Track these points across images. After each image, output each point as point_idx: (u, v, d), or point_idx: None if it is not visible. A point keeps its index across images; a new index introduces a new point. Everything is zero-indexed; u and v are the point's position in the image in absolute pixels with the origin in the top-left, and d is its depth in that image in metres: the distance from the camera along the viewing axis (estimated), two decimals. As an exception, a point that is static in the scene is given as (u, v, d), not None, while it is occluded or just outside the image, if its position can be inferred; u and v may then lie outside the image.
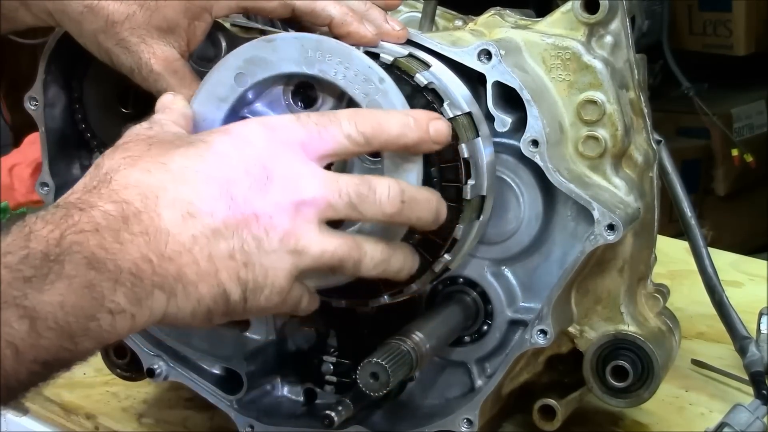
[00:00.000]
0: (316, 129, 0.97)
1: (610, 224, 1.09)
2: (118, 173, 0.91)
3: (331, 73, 1.04)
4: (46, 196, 1.31)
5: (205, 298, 0.92)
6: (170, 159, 0.93)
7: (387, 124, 0.99)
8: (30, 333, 0.81)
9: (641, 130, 1.20)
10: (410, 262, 1.06)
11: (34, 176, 2.29)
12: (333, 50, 1.04)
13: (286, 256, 0.94)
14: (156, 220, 0.89)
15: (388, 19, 1.12)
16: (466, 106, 1.10)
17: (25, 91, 1.30)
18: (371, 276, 1.02)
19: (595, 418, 1.29)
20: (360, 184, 0.97)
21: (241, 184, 0.93)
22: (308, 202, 0.95)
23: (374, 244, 1.01)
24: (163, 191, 0.91)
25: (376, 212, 0.98)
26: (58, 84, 1.31)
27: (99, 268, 0.85)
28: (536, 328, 1.12)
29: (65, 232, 0.84)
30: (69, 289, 0.83)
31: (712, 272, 1.38)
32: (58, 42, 1.28)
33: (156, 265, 0.88)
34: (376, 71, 1.03)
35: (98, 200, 0.88)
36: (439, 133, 1.01)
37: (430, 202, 1.02)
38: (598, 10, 1.15)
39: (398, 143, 1.00)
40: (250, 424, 1.23)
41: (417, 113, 1.02)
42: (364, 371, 1.02)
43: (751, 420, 1.20)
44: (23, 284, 0.81)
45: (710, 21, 4.32)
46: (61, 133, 1.32)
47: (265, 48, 1.05)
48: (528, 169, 1.14)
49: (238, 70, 1.06)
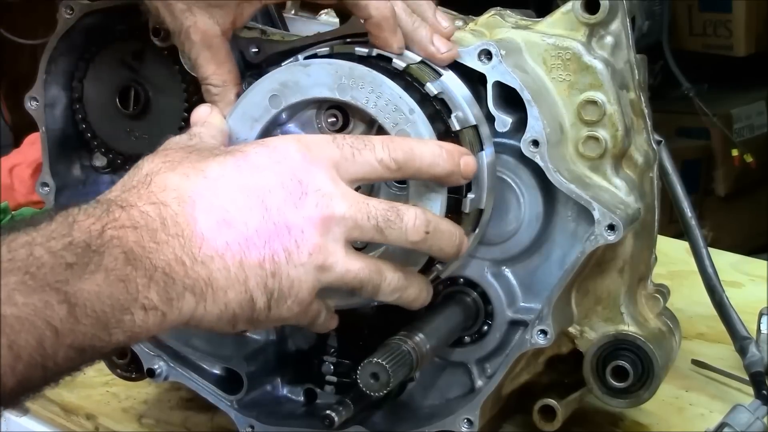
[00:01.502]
0: (350, 151, 1.00)
1: (611, 224, 1.09)
2: (158, 175, 0.94)
3: (363, 100, 1.06)
4: (47, 197, 1.32)
5: (232, 303, 0.94)
6: (208, 166, 0.96)
7: (420, 154, 1.02)
8: (68, 317, 0.83)
9: (641, 131, 1.20)
10: (425, 294, 1.09)
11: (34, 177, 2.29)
12: (365, 78, 1.06)
13: (312, 270, 0.97)
14: (192, 224, 0.92)
15: (436, 40, 1.12)
16: (473, 119, 1.10)
17: (25, 91, 1.30)
18: (386, 301, 1.05)
19: (595, 418, 1.29)
20: (389, 209, 1.00)
21: (276, 195, 0.96)
22: (338, 219, 0.97)
23: (394, 272, 1.04)
24: (199, 197, 0.94)
25: (400, 239, 1.01)
26: (58, 84, 1.31)
27: (135, 265, 0.88)
28: (536, 329, 1.12)
29: (106, 226, 0.88)
30: (107, 280, 0.86)
31: (712, 273, 1.38)
32: (58, 42, 1.28)
33: (189, 268, 0.91)
34: (406, 102, 1.05)
35: (138, 200, 0.92)
36: (468, 167, 1.05)
37: (453, 236, 1.05)
38: (599, 11, 1.15)
39: (429, 173, 1.03)
40: (251, 425, 1.23)
41: (448, 146, 1.04)
42: (365, 371, 1.02)
43: (752, 420, 1.20)
44: (65, 270, 0.84)
45: (710, 21, 4.32)
46: (61, 133, 1.32)
47: (300, 72, 1.07)
48: (528, 170, 1.14)
49: (272, 92, 1.08)
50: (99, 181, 1.36)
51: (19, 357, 0.80)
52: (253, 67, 1.19)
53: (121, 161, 1.32)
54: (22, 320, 0.81)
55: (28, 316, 0.81)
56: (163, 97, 1.27)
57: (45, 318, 0.82)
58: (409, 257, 1.07)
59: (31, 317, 0.81)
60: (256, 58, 1.19)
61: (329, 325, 1.08)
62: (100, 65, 1.30)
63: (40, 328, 0.82)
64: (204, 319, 0.94)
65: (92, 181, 1.35)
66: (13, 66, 3.77)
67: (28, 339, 0.81)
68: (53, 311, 0.82)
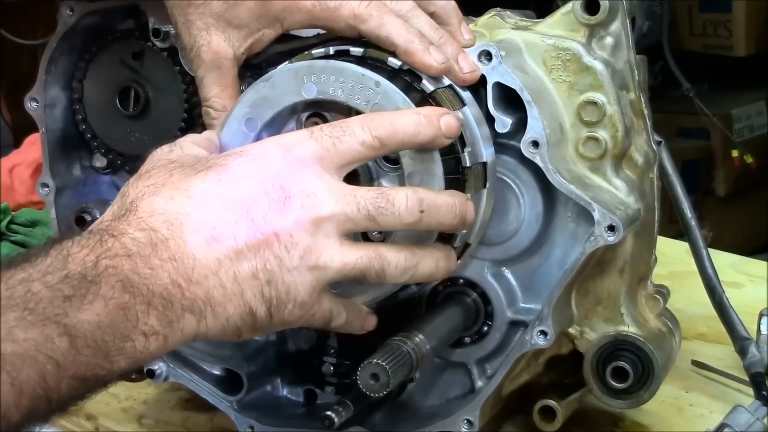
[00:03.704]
0: (330, 141, 0.99)
1: (611, 225, 1.09)
2: (143, 201, 0.94)
3: (330, 91, 1.06)
4: (47, 197, 1.32)
5: (232, 317, 0.95)
6: (191, 184, 0.96)
7: (401, 125, 1.01)
8: (70, 349, 0.84)
9: (641, 131, 1.20)
10: (443, 264, 1.06)
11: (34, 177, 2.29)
12: (325, 70, 1.06)
13: (306, 272, 0.97)
14: (182, 246, 0.92)
15: (461, 59, 1.11)
16: (446, 80, 1.09)
17: (25, 92, 1.30)
18: (401, 282, 1.05)
19: (595, 418, 1.29)
20: (378, 196, 0.99)
21: (260, 204, 0.95)
22: (327, 217, 0.97)
23: (397, 252, 1.02)
24: (186, 217, 0.93)
25: (395, 223, 1.00)
26: (58, 84, 1.31)
27: (133, 292, 0.88)
28: (536, 329, 1.12)
29: (100, 256, 0.88)
30: (105, 309, 0.86)
31: (712, 273, 1.38)
32: (58, 42, 1.28)
33: (185, 289, 0.91)
34: (370, 77, 1.05)
35: (127, 227, 0.92)
36: (449, 127, 1.03)
37: (452, 207, 1.03)
38: (599, 11, 1.15)
39: (413, 142, 1.02)
40: (250, 425, 1.23)
41: (426, 110, 1.03)
42: (365, 372, 1.02)
43: (752, 421, 1.20)
44: (63, 302, 0.84)
45: (710, 22, 4.32)
46: (61, 133, 1.33)
47: (264, 88, 1.08)
48: (528, 170, 1.14)
49: (245, 116, 1.08)
50: (99, 181, 1.36)
51: (23, 392, 0.81)
52: (253, 67, 1.19)
53: (121, 161, 1.32)
54: (23, 356, 0.81)
55: (28, 351, 0.81)
56: (163, 97, 1.27)
57: (46, 352, 0.82)
58: (421, 234, 1.05)
59: (32, 352, 0.81)
60: (256, 59, 1.19)
61: (366, 324, 1.08)
62: (100, 65, 1.30)
63: (42, 363, 0.82)
64: (208, 335, 0.95)
65: (92, 181, 1.36)
66: (13, 66, 3.77)
67: (30, 374, 0.81)
68: (54, 344, 0.83)
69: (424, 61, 1.08)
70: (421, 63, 1.08)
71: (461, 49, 1.12)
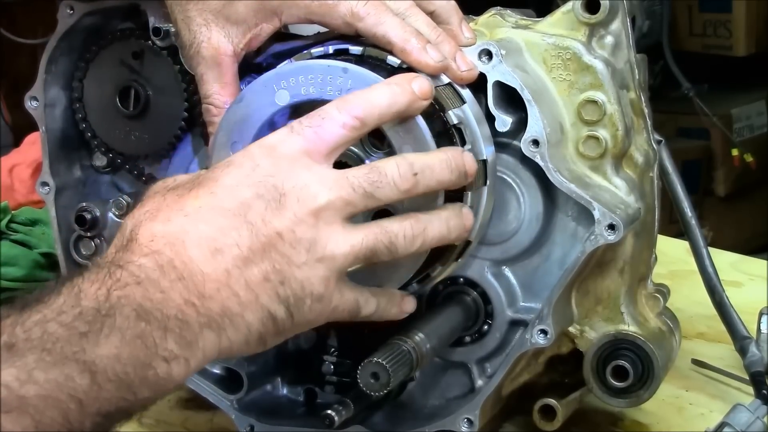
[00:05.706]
0: (312, 131, 0.98)
1: (611, 224, 1.09)
2: (142, 227, 0.94)
3: (302, 92, 1.05)
4: (47, 196, 1.31)
5: (253, 324, 0.94)
6: (185, 204, 0.96)
7: (376, 99, 1.01)
8: (91, 386, 0.83)
9: (642, 131, 1.20)
10: (454, 222, 1.05)
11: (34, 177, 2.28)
12: (292, 72, 1.06)
13: (316, 264, 0.96)
14: (188, 263, 0.92)
15: (458, 58, 1.11)
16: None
17: (25, 91, 1.30)
18: (414, 252, 1.03)
19: (595, 418, 1.29)
20: (369, 171, 0.99)
21: (256, 208, 0.95)
22: (324, 206, 0.96)
23: (401, 222, 1.01)
24: (185, 235, 0.93)
25: (393, 193, 0.99)
26: (58, 84, 1.31)
27: (148, 318, 0.87)
28: (537, 328, 1.12)
29: (111, 288, 0.88)
30: (123, 341, 0.86)
31: (712, 272, 1.38)
32: (58, 41, 1.28)
33: (199, 306, 0.91)
34: (336, 66, 1.05)
35: (132, 256, 0.92)
36: (423, 89, 1.03)
37: (446, 162, 1.02)
38: (599, 11, 1.15)
39: (392, 112, 1.01)
40: (251, 424, 1.23)
41: (396, 79, 1.03)
42: (365, 371, 1.02)
43: (752, 420, 1.20)
44: (80, 340, 0.84)
45: (710, 22, 4.32)
46: (61, 133, 1.32)
47: (239, 107, 1.08)
48: (528, 170, 1.14)
49: (230, 141, 1.08)
50: (99, 180, 1.36)
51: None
52: (253, 67, 1.19)
53: (121, 161, 1.32)
54: (45, 398, 0.81)
55: (50, 392, 0.81)
56: (163, 97, 1.27)
57: (68, 391, 0.82)
58: (426, 200, 1.04)
59: (54, 393, 0.81)
60: (256, 59, 1.19)
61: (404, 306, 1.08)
62: (100, 65, 1.30)
63: (64, 402, 0.82)
64: (232, 349, 0.94)
65: (92, 181, 1.36)
66: (13, 66, 3.77)
67: (53, 416, 0.81)
68: (75, 383, 0.82)
69: (421, 60, 1.08)
70: (418, 61, 1.08)
71: (459, 48, 1.12)
